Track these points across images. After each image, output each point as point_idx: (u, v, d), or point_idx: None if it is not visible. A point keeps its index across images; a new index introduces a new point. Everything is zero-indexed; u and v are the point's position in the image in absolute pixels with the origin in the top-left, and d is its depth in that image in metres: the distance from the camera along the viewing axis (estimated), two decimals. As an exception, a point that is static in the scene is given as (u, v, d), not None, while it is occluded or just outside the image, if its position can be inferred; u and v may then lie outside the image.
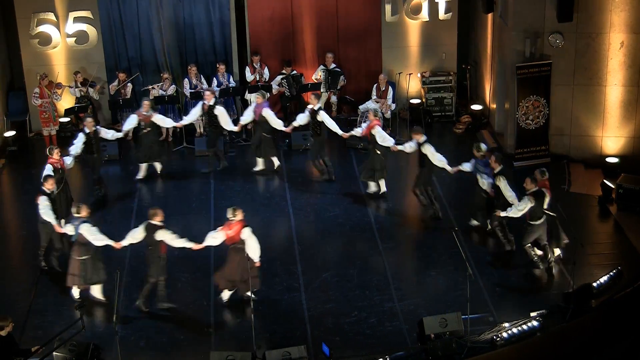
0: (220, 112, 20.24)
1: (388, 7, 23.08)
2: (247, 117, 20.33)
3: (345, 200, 18.91)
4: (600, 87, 19.99)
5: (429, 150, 17.86)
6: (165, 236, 15.27)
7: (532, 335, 14.19)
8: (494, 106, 22.13)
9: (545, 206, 16.04)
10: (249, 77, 22.57)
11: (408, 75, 22.97)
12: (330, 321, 15.11)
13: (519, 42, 20.09)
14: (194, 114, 20.55)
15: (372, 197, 18.86)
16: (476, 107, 23.01)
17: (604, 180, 18.85)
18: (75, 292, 15.83)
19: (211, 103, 20.19)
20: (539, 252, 16.30)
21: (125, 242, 15.63)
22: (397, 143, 18.79)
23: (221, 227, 15.24)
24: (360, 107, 21.97)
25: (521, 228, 16.31)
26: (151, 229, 15.31)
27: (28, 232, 18.26)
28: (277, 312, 15.44)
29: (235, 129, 20.58)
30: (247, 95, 22.51)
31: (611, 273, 15.74)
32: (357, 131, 19.48)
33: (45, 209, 16.36)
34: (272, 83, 22.44)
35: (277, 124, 20.16)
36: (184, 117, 20.81)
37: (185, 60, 23.11)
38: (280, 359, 13.45)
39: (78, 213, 15.56)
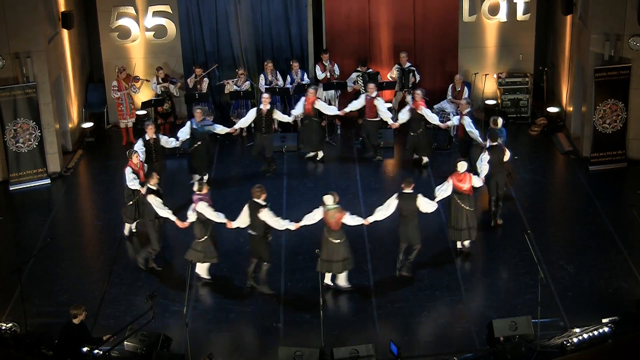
0: (280, 116, 20.42)
1: (466, 7, 22.95)
2: (298, 110, 20.61)
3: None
4: (680, 93, 19.71)
5: (466, 122, 19.33)
6: (267, 216, 15.50)
7: (603, 342, 13.97)
8: (571, 109, 21.88)
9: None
10: (320, 75, 22.63)
11: (484, 75, 22.84)
12: (399, 320, 15.10)
13: (599, 44, 19.83)
14: (247, 119, 20.21)
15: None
16: (552, 109, 22.76)
17: (682, 187, 18.58)
18: (200, 269, 16.24)
19: (268, 107, 19.97)
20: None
21: (235, 224, 15.88)
22: (441, 120, 20.59)
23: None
24: (435, 106, 21.88)
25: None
26: (254, 208, 15.51)
27: (103, 222, 18.57)
28: (346, 309, 15.49)
29: (290, 119, 20.84)
30: (320, 93, 22.58)
31: (687, 281, 15.51)
32: (403, 118, 20.45)
33: (159, 206, 16.18)
34: (347, 80, 22.49)
35: (331, 110, 20.92)
36: (238, 122, 20.39)
37: (262, 56, 23.28)
38: (348, 357, 13.44)
39: (200, 190, 15.80)
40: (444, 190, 16.52)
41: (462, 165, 16.56)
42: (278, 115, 20.35)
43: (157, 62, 22.97)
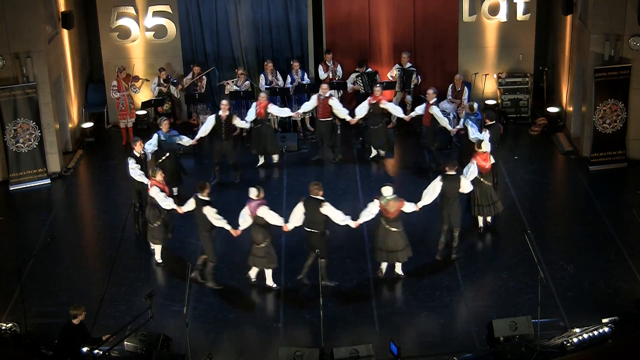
0: (238, 122, 20.23)
1: (466, 7, 22.94)
2: (250, 115, 20.43)
3: (416, 199, 18.83)
4: (680, 92, 19.70)
5: (434, 111, 19.78)
6: (330, 211, 15.55)
7: (603, 342, 14.00)
8: (571, 109, 21.87)
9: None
10: (322, 75, 22.61)
11: (484, 75, 22.85)
12: (399, 320, 15.11)
13: (599, 44, 19.83)
14: (206, 127, 19.74)
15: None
16: (552, 109, 22.75)
17: (682, 187, 18.57)
18: (253, 272, 16.12)
19: (227, 114, 19.67)
20: None
21: (290, 225, 15.85)
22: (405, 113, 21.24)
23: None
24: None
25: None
26: (314, 204, 15.49)
27: (103, 222, 18.58)
28: (346, 309, 15.46)
29: (246, 126, 20.63)
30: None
31: (687, 281, 15.50)
32: (361, 113, 20.61)
33: (216, 216, 15.77)
34: (347, 81, 22.48)
35: (285, 112, 20.96)
36: (199, 132, 19.93)
37: (262, 56, 23.27)
38: (348, 357, 13.45)
39: (258, 196, 15.63)
40: (472, 172, 16.91)
41: (485, 145, 17.14)
42: (237, 122, 20.12)
43: (157, 62, 22.99)
